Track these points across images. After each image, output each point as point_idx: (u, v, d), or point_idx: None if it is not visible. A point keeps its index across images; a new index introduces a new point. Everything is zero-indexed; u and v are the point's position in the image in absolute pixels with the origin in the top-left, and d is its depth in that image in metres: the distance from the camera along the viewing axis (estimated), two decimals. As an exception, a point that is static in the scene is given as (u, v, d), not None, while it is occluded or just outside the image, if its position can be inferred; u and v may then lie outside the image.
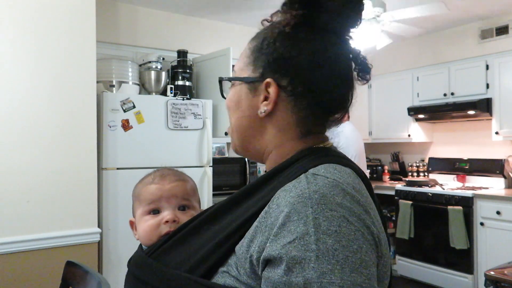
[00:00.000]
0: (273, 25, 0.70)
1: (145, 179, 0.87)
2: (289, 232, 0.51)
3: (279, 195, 0.56)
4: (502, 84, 3.63)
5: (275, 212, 0.54)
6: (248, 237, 0.56)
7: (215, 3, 3.33)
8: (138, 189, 0.86)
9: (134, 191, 0.87)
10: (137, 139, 2.73)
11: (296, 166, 0.62)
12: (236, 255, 0.57)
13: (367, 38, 3.38)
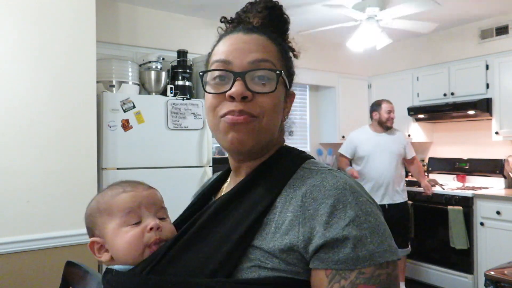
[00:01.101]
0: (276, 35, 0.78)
1: (108, 193, 0.77)
2: (341, 217, 0.61)
3: (311, 190, 0.64)
4: (502, 84, 3.63)
5: (313, 205, 0.63)
6: (281, 231, 0.63)
7: (215, 3, 3.33)
8: (104, 202, 0.76)
9: (97, 207, 0.76)
10: (137, 139, 2.73)
11: (284, 162, 0.72)
12: (262, 249, 0.62)
13: (367, 38, 3.38)
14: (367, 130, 3.60)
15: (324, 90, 4.79)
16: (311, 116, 4.81)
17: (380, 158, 3.43)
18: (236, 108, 0.67)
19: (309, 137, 4.80)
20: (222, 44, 0.73)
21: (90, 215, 0.78)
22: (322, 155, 4.82)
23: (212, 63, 0.72)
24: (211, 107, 0.71)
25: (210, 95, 0.71)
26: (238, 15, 0.78)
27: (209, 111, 0.72)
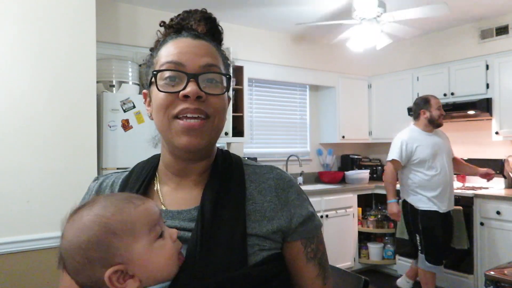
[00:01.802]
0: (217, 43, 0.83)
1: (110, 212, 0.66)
2: (304, 199, 0.83)
3: (277, 183, 0.80)
4: (502, 84, 3.63)
5: (284, 194, 0.80)
6: (267, 218, 0.77)
7: (214, 3, 3.33)
8: (120, 222, 0.65)
9: (109, 230, 0.64)
10: (137, 139, 2.73)
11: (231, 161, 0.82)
12: (257, 235, 0.74)
13: (367, 38, 3.38)
14: (418, 131, 3.20)
15: (324, 90, 4.79)
16: (311, 116, 4.81)
17: (441, 161, 3.13)
18: (192, 106, 0.71)
19: (309, 137, 4.80)
20: (171, 47, 0.76)
21: (100, 244, 0.63)
22: (322, 155, 4.83)
23: (163, 64, 0.74)
24: (162, 106, 0.73)
25: (161, 94, 0.72)
26: (179, 22, 0.81)
27: (159, 110, 0.73)
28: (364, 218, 4.34)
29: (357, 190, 4.30)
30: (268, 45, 4.15)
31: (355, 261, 4.21)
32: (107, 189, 0.81)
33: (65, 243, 0.66)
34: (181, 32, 0.79)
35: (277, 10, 3.58)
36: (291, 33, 4.26)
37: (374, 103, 4.80)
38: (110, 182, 0.83)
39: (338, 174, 4.63)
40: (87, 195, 0.83)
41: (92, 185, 0.83)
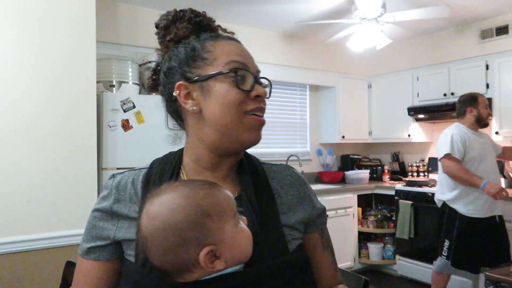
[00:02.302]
0: None
1: (201, 195, 0.68)
2: (315, 195, 0.92)
3: (295, 179, 0.89)
4: (502, 84, 3.63)
5: (302, 189, 0.88)
6: (292, 210, 0.84)
7: (214, 3, 3.33)
8: (211, 205, 0.67)
9: (202, 212, 0.66)
10: (137, 139, 2.73)
11: (252, 159, 0.89)
12: (288, 226, 0.81)
13: (367, 38, 3.38)
14: (465, 128, 3.00)
15: (324, 90, 4.79)
16: (311, 116, 4.82)
17: (491, 161, 2.98)
18: (263, 106, 0.79)
19: (309, 137, 4.80)
20: (228, 46, 0.80)
21: (196, 224, 0.65)
22: (322, 155, 4.83)
23: (229, 62, 0.77)
24: (235, 102, 0.76)
25: (235, 91, 0.76)
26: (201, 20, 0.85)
27: (230, 105, 0.75)
28: (364, 218, 4.35)
29: (357, 190, 4.30)
30: (268, 45, 4.15)
31: (355, 261, 4.21)
32: (128, 186, 0.81)
33: (157, 223, 0.65)
34: (213, 32, 0.84)
35: (277, 8, 3.58)
36: (291, 33, 4.26)
37: (374, 103, 4.80)
38: (129, 179, 0.82)
39: (338, 174, 4.64)
40: (105, 191, 0.82)
41: (109, 182, 0.82)
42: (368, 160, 5.00)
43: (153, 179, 0.80)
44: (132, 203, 0.79)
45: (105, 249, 0.79)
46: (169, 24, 0.84)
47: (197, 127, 0.79)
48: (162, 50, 0.84)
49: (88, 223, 0.81)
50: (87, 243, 0.80)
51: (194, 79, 0.77)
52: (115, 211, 0.79)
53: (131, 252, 0.76)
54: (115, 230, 0.78)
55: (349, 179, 4.56)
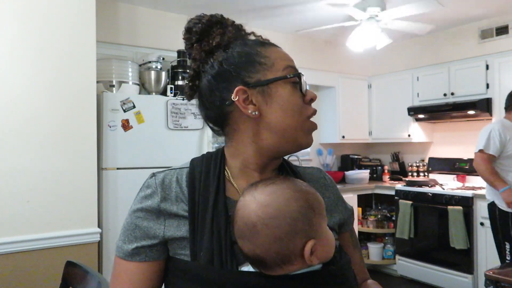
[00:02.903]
0: None
1: (304, 191, 0.70)
2: (342, 197, 0.96)
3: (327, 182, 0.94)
4: (502, 84, 3.63)
5: (333, 191, 0.93)
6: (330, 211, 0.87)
7: (214, 3, 3.33)
8: (315, 200, 0.69)
9: (309, 206, 0.68)
10: (137, 139, 2.73)
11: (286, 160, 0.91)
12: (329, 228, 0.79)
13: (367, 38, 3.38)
14: (510, 123, 2.97)
15: (324, 90, 4.79)
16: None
17: None
18: (316, 110, 0.82)
19: (309, 137, 4.80)
20: (279, 52, 0.82)
21: (305, 216, 0.67)
22: (322, 155, 4.83)
23: (286, 67, 0.79)
24: (299, 106, 0.79)
25: (298, 96, 0.79)
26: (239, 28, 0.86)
27: (295, 110, 0.78)
28: (364, 218, 4.35)
29: (357, 190, 4.30)
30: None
31: (355, 261, 4.20)
32: (173, 185, 0.80)
33: (271, 210, 0.66)
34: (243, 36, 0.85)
35: (277, 10, 3.58)
36: (291, 33, 4.26)
37: (374, 103, 4.80)
38: (173, 178, 0.81)
39: (338, 174, 4.64)
40: (148, 190, 0.79)
41: (151, 181, 0.80)
42: (368, 160, 5.00)
43: (198, 178, 0.80)
44: (180, 202, 0.78)
45: (153, 249, 0.77)
46: (205, 29, 0.83)
47: (254, 131, 0.79)
48: (197, 54, 0.82)
49: (129, 224, 0.78)
50: (130, 244, 0.77)
51: (254, 84, 0.78)
52: (162, 210, 0.77)
53: (182, 251, 0.75)
54: (163, 229, 0.76)
55: (349, 179, 4.56)
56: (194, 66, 0.83)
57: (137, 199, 0.80)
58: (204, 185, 0.78)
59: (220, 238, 0.72)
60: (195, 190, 0.78)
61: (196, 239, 0.73)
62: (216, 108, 0.81)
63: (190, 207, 0.76)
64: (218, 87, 0.80)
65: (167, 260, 0.78)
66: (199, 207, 0.76)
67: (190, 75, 0.84)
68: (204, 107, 0.84)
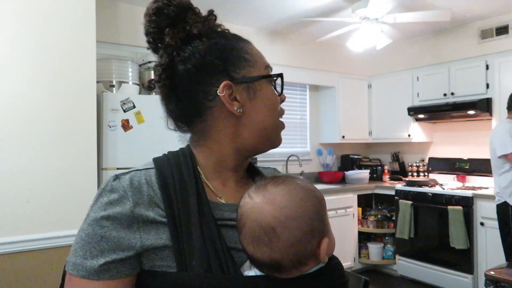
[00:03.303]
0: None
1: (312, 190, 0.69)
2: None
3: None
4: (502, 84, 3.63)
5: None
6: None
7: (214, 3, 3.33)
8: (322, 198, 0.69)
9: (322, 205, 0.68)
10: (137, 139, 2.73)
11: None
12: None
13: (367, 38, 3.38)
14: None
15: (324, 90, 4.79)
16: (311, 116, 4.82)
17: None
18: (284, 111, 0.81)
19: (309, 137, 4.80)
20: (256, 50, 0.80)
21: (319, 215, 0.66)
22: (322, 155, 4.83)
23: (266, 66, 0.79)
24: (276, 105, 0.79)
25: (275, 95, 0.79)
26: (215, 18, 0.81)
27: (273, 109, 0.78)
28: (364, 218, 4.35)
29: (357, 190, 4.30)
30: (268, 45, 4.15)
31: (355, 261, 4.21)
32: (143, 187, 0.70)
33: (290, 212, 0.63)
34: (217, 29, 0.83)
35: (277, 10, 3.57)
36: (291, 33, 4.26)
37: (374, 103, 4.80)
38: (142, 180, 0.71)
39: (338, 174, 4.64)
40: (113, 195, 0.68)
41: (117, 184, 0.69)
42: (368, 160, 5.00)
43: (170, 180, 0.72)
44: (154, 206, 0.69)
45: (125, 263, 0.66)
46: (179, 13, 0.75)
47: (234, 130, 0.75)
48: (172, 41, 0.74)
49: (91, 236, 0.66)
50: (95, 259, 0.65)
51: (240, 80, 0.74)
52: (137, 216, 0.67)
53: (163, 263, 0.66)
54: (140, 238, 0.66)
55: (349, 179, 4.56)
56: (167, 53, 0.74)
57: (98, 206, 0.68)
58: (180, 187, 0.71)
59: (215, 243, 0.66)
60: (170, 193, 0.69)
61: (182, 247, 0.65)
62: (194, 101, 0.75)
63: (168, 212, 0.68)
64: (201, 80, 0.74)
65: (142, 276, 0.68)
66: (179, 211, 0.68)
67: (164, 63, 0.75)
68: (176, 100, 0.77)
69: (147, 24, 0.76)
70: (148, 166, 0.75)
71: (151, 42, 0.77)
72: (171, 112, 0.79)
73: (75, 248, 0.67)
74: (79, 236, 0.68)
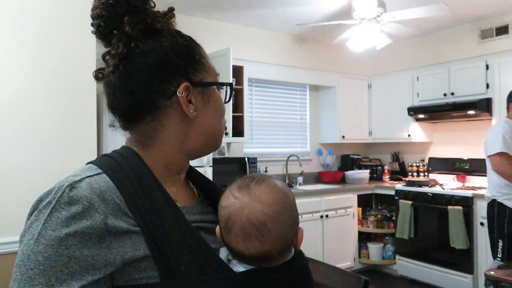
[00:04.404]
0: None
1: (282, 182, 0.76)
2: None
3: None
4: (502, 84, 3.63)
5: None
6: None
7: (215, 3, 3.33)
8: (291, 190, 0.76)
9: (293, 196, 0.75)
10: (137, 139, 2.73)
11: None
12: None
13: (367, 38, 3.38)
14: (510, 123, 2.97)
15: (324, 90, 4.79)
16: (311, 116, 4.82)
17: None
18: None
19: (309, 137, 4.80)
20: (207, 55, 0.80)
21: (295, 206, 0.74)
22: (322, 155, 4.83)
23: (217, 74, 0.80)
24: (223, 112, 0.81)
25: (221, 102, 0.80)
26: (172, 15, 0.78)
27: (221, 115, 0.80)
28: (364, 218, 4.35)
29: (357, 190, 4.30)
30: (268, 45, 4.15)
31: (355, 261, 4.21)
32: (106, 194, 0.63)
33: (278, 207, 0.69)
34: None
35: (277, 10, 3.58)
36: (291, 33, 4.26)
37: (374, 103, 4.80)
38: (101, 186, 0.64)
39: (338, 174, 4.64)
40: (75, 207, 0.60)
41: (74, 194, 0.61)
42: (368, 160, 5.00)
43: (129, 185, 0.66)
44: (123, 215, 0.63)
45: (100, 283, 0.59)
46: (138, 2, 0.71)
47: (182, 132, 0.74)
48: (132, 30, 0.70)
49: (53, 259, 0.57)
50: (65, 285, 0.56)
51: (197, 83, 0.74)
52: (110, 228, 0.60)
53: (142, 274, 0.62)
54: (118, 252, 0.60)
55: (349, 179, 4.56)
56: (123, 42, 0.70)
57: (56, 222, 0.59)
58: (144, 192, 0.66)
59: (200, 247, 0.65)
60: (135, 199, 0.64)
61: (165, 255, 0.62)
62: (148, 97, 0.70)
63: (139, 220, 0.63)
64: (160, 77, 0.70)
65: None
66: (151, 218, 0.63)
67: (121, 53, 0.69)
68: (126, 93, 0.70)
69: (101, 7, 0.70)
70: (94, 171, 0.66)
71: (101, 26, 0.71)
72: (116, 105, 0.72)
73: (29, 275, 0.57)
74: (31, 260, 0.57)
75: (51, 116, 2.13)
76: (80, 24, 2.24)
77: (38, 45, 2.10)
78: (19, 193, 2.05)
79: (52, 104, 2.13)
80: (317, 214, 3.82)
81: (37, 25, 2.11)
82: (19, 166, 2.05)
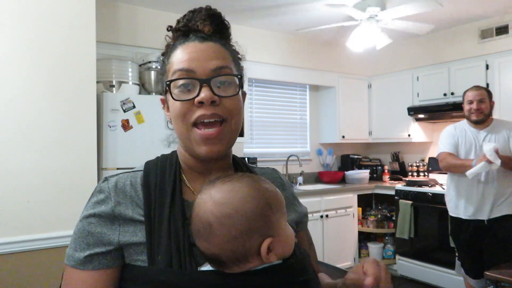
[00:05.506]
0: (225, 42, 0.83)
1: (264, 188, 0.69)
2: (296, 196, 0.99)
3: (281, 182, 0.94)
4: (502, 84, 3.63)
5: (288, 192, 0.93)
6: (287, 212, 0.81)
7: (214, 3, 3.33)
8: (273, 198, 0.69)
9: (268, 204, 0.67)
10: (137, 139, 2.73)
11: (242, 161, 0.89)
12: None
13: (367, 38, 3.38)
14: (465, 123, 2.92)
15: (324, 90, 4.79)
16: (311, 116, 4.82)
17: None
18: (208, 112, 0.72)
19: (309, 137, 4.80)
20: (180, 53, 0.76)
21: (262, 215, 0.65)
22: (322, 155, 4.83)
23: (174, 72, 0.75)
24: (179, 114, 0.74)
25: (178, 103, 0.74)
26: (185, 24, 0.82)
27: (177, 118, 0.75)
28: (364, 218, 4.35)
29: (357, 190, 4.30)
30: (268, 45, 4.15)
31: (355, 261, 4.21)
32: (126, 188, 0.76)
33: (227, 210, 0.65)
34: (188, 35, 0.80)
35: (278, 10, 3.58)
36: (291, 33, 4.25)
37: (374, 103, 4.80)
38: (127, 182, 0.77)
39: (338, 174, 4.64)
40: (100, 195, 0.76)
41: (104, 185, 0.76)
42: (368, 160, 5.00)
43: (153, 183, 0.76)
44: (135, 206, 0.74)
45: (107, 256, 0.72)
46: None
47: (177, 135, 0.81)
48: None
49: (81, 231, 0.74)
50: (82, 251, 0.72)
51: (165, 87, 0.78)
52: (117, 215, 0.73)
53: (139, 257, 0.71)
54: (118, 235, 0.72)
55: (349, 179, 4.56)
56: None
57: (89, 205, 0.77)
58: (160, 188, 0.75)
59: (178, 240, 0.69)
60: (150, 194, 0.74)
61: (153, 244, 0.70)
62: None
63: (146, 211, 0.73)
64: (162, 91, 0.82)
65: (122, 268, 0.73)
66: (156, 210, 0.72)
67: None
68: None
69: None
70: (138, 169, 0.81)
71: None
72: None
73: (70, 241, 0.75)
74: (74, 231, 0.76)
75: (51, 116, 2.13)
76: (80, 24, 2.24)
77: (38, 45, 2.10)
78: (19, 193, 2.05)
79: (52, 104, 2.14)
80: (317, 214, 3.82)
81: (37, 26, 2.11)
82: (19, 166, 2.05)
